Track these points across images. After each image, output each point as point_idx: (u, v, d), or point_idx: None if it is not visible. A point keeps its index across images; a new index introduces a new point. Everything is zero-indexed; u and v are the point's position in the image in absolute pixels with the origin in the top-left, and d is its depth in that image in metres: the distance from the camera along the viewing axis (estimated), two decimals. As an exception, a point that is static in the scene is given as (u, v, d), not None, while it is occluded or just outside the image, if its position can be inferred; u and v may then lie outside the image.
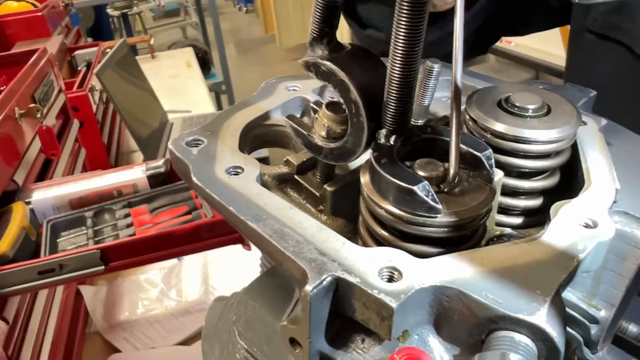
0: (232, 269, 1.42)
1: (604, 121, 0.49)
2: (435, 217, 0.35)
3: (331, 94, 0.43)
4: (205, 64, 4.10)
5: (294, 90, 0.54)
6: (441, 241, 0.37)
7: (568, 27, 0.93)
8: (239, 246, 0.98)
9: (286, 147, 0.52)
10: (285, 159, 0.47)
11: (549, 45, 3.23)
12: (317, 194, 0.45)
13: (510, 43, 3.66)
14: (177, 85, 2.94)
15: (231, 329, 0.44)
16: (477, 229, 0.38)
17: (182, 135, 0.47)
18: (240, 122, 0.49)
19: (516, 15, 0.93)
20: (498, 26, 0.93)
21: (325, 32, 0.40)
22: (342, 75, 0.38)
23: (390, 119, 0.39)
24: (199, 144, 0.46)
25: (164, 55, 3.57)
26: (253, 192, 0.41)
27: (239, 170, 0.43)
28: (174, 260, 1.48)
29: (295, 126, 0.43)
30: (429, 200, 0.35)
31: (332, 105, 0.42)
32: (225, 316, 0.47)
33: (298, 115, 0.53)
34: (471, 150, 0.38)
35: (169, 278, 1.44)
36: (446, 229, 0.36)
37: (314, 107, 0.44)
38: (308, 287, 0.32)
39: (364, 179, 0.39)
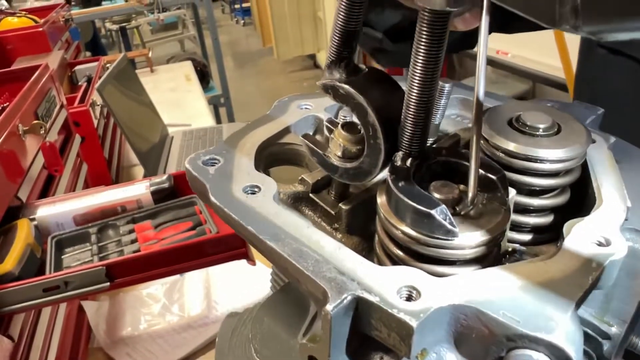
0: (234, 283, 1.42)
1: (612, 139, 0.50)
2: (452, 240, 0.36)
3: (345, 113, 0.43)
4: (204, 77, 4.12)
5: (306, 108, 0.55)
6: (457, 262, 0.37)
7: (564, 38, 0.94)
8: (240, 261, 0.98)
9: (300, 165, 0.53)
10: (300, 178, 0.48)
11: (545, 57, 3.25)
12: (332, 212, 0.45)
13: (507, 54, 3.68)
14: (177, 99, 2.95)
15: (247, 345, 0.44)
16: (492, 250, 0.39)
17: (198, 154, 0.47)
18: (255, 141, 0.49)
19: (505, 13, 0.93)
20: (489, 23, 0.93)
21: (343, 56, 0.41)
22: (360, 98, 0.39)
23: (407, 142, 0.39)
24: (216, 163, 0.47)
25: (163, 69, 3.59)
26: (271, 212, 0.41)
27: (255, 190, 0.43)
28: (176, 275, 1.48)
29: (312, 145, 0.44)
30: (446, 223, 0.35)
31: (347, 125, 0.43)
32: (238, 331, 0.47)
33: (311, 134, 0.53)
34: (486, 173, 0.39)
35: (171, 293, 1.44)
36: (463, 252, 0.36)
37: (328, 125, 0.44)
38: (329, 307, 0.32)
39: (381, 199, 0.39)
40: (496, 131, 0.44)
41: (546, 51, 3.07)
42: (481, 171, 0.38)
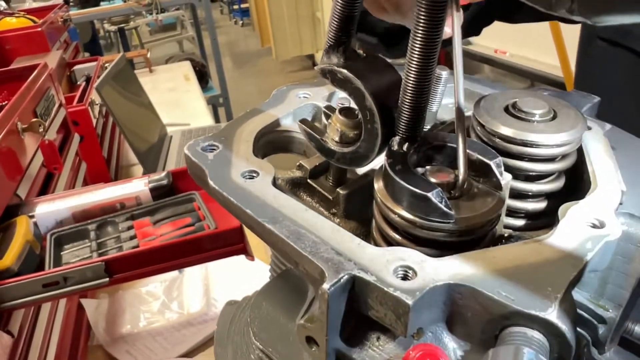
0: (234, 280, 1.42)
1: (608, 126, 0.50)
2: (448, 223, 0.36)
3: (341, 100, 0.44)
4: (202, 77, 4.12)
5: (305, 97, 0.55)
6: (453, 245, 0.37)
7: (562, 37, 0.95)
8: (239, 258, 0.99)
9: (298, 152, 0.53)
10: (298, 164, 0.48)
11: (543, 55, 3.26)
12: (330, 197, 0.46)
13: (505, 53, 3.69)
14: (176, 99, 2.95)
15: (245, 330, 0.45)
16: (487, 234, 0.39)
17: (197, 140, 0.48)
18: (253, 128, 0.50)
19: (510, 2, 0.94)
20: (493, 11, 0.93)
21: (342, 41, 0.42)
22: (358, 83, 0.39)
23: (403, 127, 0.40)
24: (214, 149, 0.47)
25: (161, 69, 3.59)
26: (269, 195, 0.41)
27: (254, 175, 0.44)
28: (175, 273, 1.48)
29: (309, 130, 0.44)
30: (442, 206, 0.36)
31: (345, 111, 0.43)
32: (237, 319, 0.48)
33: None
34: (481, 157, 0.39)
35: (171, 290, 1.44)
36: (458, 234, 0.37)
37: (326, 111, 0.45)
38: (326, 286, 0.33)
39: (378, 184, 0.40)
40: (492, 117, 0.44)
41: (544, 50, 3.08)
42: (476, 155, 0.39)
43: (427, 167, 0.39)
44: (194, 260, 0.93)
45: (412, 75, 0.38)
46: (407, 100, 0.39)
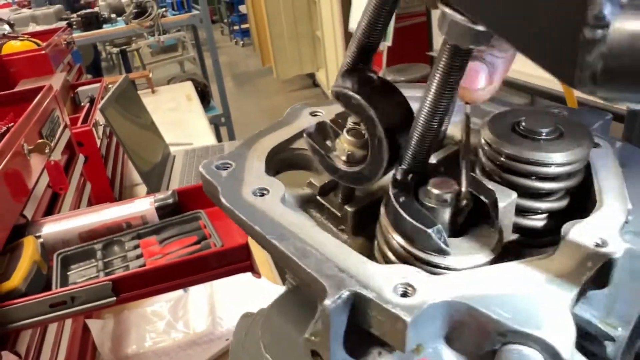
0: (239, 299, 1.42)
1: (618, 143, 0.51)
2: (445, 258, 0.38)
3: (353, 119, 0.45)
4: (204, 97, 4.15)
5: (317, 115, 0.57)
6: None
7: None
8: (244, 276, 0.99)
9: (310, 169, 0.54)
10: (308, 181, 0.49)
11: (543, 70, 3.28)
12: (339, 214, 0.47)
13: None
14: (178, 119, 2.97)
15: (257, 343, 0.46)
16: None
17: (212, 159, 0.49)
18: (266, 146, 0.51)
19: None
20: None
21: (358, 67, 0.43)
22: (371, 112, 0.41)
23: (410, 159, 0.42)
24: (228, 167, 0.48)
25: (164, 90, 3.62)
26: (277, 213, 0.42)
27: (264, 192, 0.45)
28: (180, 292, 1.48)
29: (314, 144, 0.45)
30: (440, 243, 0.37)
31: (352, 131, 0.44)
32: (252, 331, 0.48)
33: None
34: (479, 195, 0.40)
35: (176, 310, 1.44)
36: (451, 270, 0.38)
37: (332, 126, 0.46)
38: (327, 302, 0.34)
39: (383, 210, 0.41)
40: (498, 136, 0.45)
41: (543, 65, 3.09)
42: (475, 193, 0.40)
43: (430, 179, 0.40)
44: (201, 279, 0.94)
45: (425, 114, 0.40)
46: (417, 137, 0.41)
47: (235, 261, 0.94)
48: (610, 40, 0.27)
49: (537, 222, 0.46)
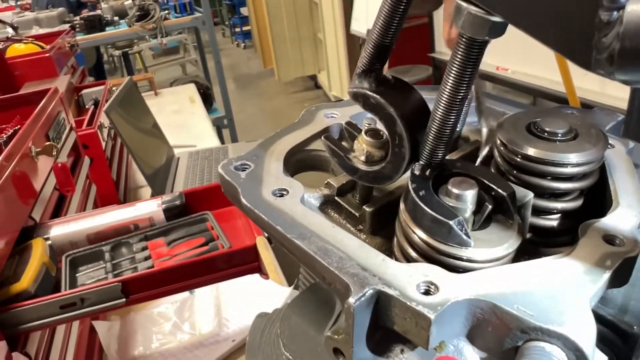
0: (245, 300, 1.42)
1: (631, 144, 0.51)
2: (466, 250, 0.38)
3: (368, 120, 0.45)
4: (207, 99, 4.16)
5: (332, 117, 0.57)
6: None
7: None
8: (250, 277, 0.99)
9: (326, 170, 0.55)
10: (326, 182, 0.50)
11: (545, 72, 3.28)
12: (357, 214, 0.47)
13: (507, 70, 3.72)
14: (181, 121, 2.98)
15: (276, 341, 0.46)
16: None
17: (230, 160, 0.49)
18: (283, 147, 0.52)
19: None
20: None
21: (375, 67, 0.43)
22: (390, 110, 0.41)
23: (428, 154, 0.42)
24: (247, 168, 0.49)
25: (167, 92, 3.63)
26: (298, 213, 0.43)
27: (284, 192, 0.45)
28: (186, 293, 1.48)
29: (333, 147, 0.46)
30: (462, 234, 0.38)
31: (370, 132, 0.45)
32: (268, 330, 0.49)
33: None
34: (497, 188, 0.40)
35: (182, 311, 1.44)
36: (472, 265, 0.38)
37: (348, 128, 0.46)
38: (351, 300, 0.34)
39: (403, 206, 0.41)
40: (514, 136, 0.45)
41: (546, 66, 3.10)
42: (493, 186, 0.40)
43: (451, 179, 0.41)
44: (209, 280, 0.94)
45: (442, 108, 0.40)
46: (435, 131, 0.41)
47: (244, 262, 0.95)
48: (626, 22, 0.27)
49: (553, 222, 0.46)
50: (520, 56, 3.66)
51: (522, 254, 0.43)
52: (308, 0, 6.04)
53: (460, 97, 0.40)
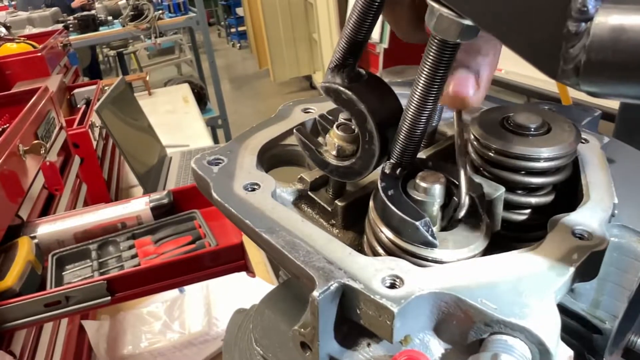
0: (235, 300, 1.42)
1: (606, 139, 0.51)
2: (432, 250, 0.38)
3: (345, 114, 0.45)
4: (201, 99, 4.15)
5: (309, 112, 0.57)
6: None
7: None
8: (240, 276, 0.99)
9: (302, 166, 0.55)
10: (299, 176, 0.50)
11: (538, 72, 3.29)
12: (329, 209, 0.47)
13: (501, 71, 3.73)
14: (175, 121, 2.98)
15: (249, 336, 0.46)
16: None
17: (204, 154, 0.49)
18: (258, 142, 0.52)
19: None
20: None
21: (348, 63, 0.43)
22: (361, 106, 0.41)
23: (398, 153, 0.42)
24: (220, 163, 0.49)
25: (160, 92, 3.62)
26: (268, 207, 0.43)
27: (255, 187, 0.45)
28: (176, 293, 1.49)
29: (304, 139, 0.46)
30: (428, 235, 0.38)
31: (342, 125, 0.45)
32: (244, 326, 0.49)
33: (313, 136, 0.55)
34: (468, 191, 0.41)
35: (172, 310, 1.44)
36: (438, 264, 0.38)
37: (321, 121, 0.46)
38: (315, 293, 0.34)
39: (372, 204, 0.41)
40: (487, 131, 0.45)
41: (539, 66, 3.11)
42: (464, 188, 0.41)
43: (419, 173, 0.41)
44: (195, 278, 0.94)
45: (413, 109, 0.40)
46: (406, 131, 0.41)
47: (230, 261, 0.94)
48: (593, 34, 0.27)
49: (525, 216, 0.47)
50: (513, 56, 3.66)
51: (493, 248, 0.43)
52: (303, 0, 6.05)
53: (431, 98, 0.40)
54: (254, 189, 0.45)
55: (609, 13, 0.27)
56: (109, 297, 0.88)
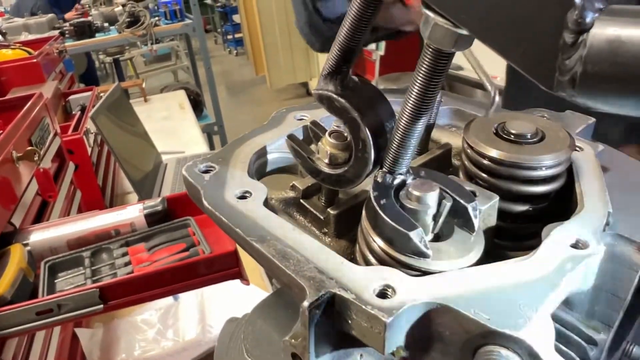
0: (229, 307, 1.42)
1: (600, 147, 0.51)
2: (424, 261, 0.38)
3: (337, 122, 0.45)
4: (197, 105, 4.15)
5: (302, 119, 0.57)
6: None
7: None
8: (235, 284, 0.98)
9: (294, 173, 0.54)
10: (291, 184, 0.49)
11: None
12: (321, 217, 0.47)
13: (497, 78, 3.73)
14: (171, 127, 2.97)
15: (240, 347, 0.45)
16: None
17: (195, 162, 0.49)
18: (250, 150, 0.52)
19: None
20: None
21: (341, 70, 0.43)
22: (355, 114, 0.41)
23: (391, 162, 0.42)
24: (211, 170, 0.48)
25: (156, 99, 3.62)
26: (259, 215, 0.42)
27: (247, 195, 0.45)
28: (170, 300, 1.48)
29: (296, 147, 0.45)
30: (421, 246, 0.37)
31: (334, 133, 0.44)
32: (235, 335, 0.48)
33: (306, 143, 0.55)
34: (459, 199, 0.40)
35: (166, 318, 1.43)
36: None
37: (313, 127, 0.46)
38: (306, 303, 0.34)
39: (364, 212, 0.41)
40: (481, 139, 0.45)
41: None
42: (455, 197, 0.40)
43: (411, 181, 0.40)
44: (189, 285, 0.93)
45: (406, 118, 0.40)
46: (398, 139, 0.41)
47: (224, 268, 0.94)
48: (590, 45, 0.27)
49: (519, 225, 0.46)
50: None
51: (488, 257, 0.43)
52: (300, 7, 6.06)
53: (425, 107, 0.39)
54: (245, 197, 0.44)
55: (606, 25, 0.27)
56: (102, 305, 0.88)
